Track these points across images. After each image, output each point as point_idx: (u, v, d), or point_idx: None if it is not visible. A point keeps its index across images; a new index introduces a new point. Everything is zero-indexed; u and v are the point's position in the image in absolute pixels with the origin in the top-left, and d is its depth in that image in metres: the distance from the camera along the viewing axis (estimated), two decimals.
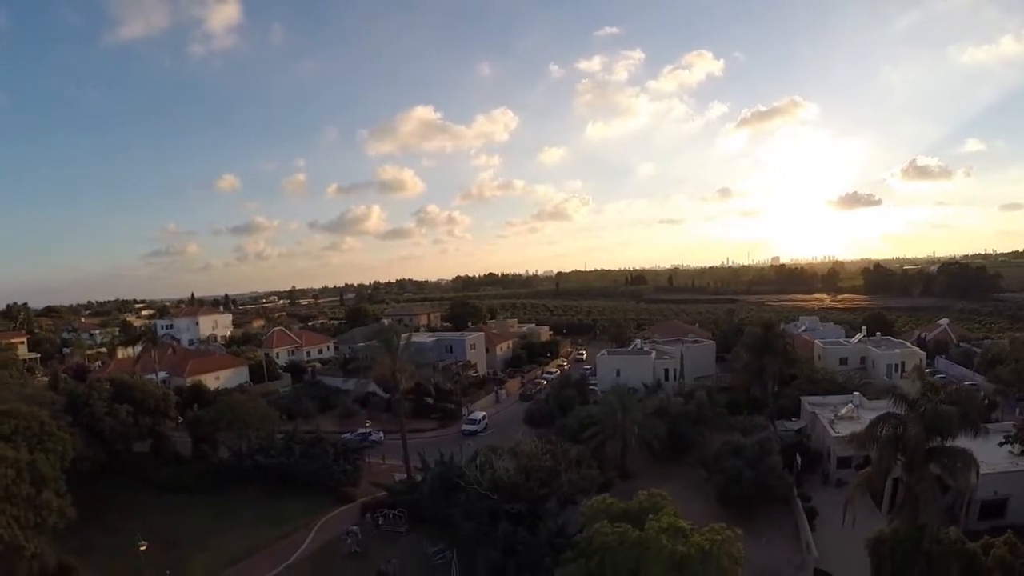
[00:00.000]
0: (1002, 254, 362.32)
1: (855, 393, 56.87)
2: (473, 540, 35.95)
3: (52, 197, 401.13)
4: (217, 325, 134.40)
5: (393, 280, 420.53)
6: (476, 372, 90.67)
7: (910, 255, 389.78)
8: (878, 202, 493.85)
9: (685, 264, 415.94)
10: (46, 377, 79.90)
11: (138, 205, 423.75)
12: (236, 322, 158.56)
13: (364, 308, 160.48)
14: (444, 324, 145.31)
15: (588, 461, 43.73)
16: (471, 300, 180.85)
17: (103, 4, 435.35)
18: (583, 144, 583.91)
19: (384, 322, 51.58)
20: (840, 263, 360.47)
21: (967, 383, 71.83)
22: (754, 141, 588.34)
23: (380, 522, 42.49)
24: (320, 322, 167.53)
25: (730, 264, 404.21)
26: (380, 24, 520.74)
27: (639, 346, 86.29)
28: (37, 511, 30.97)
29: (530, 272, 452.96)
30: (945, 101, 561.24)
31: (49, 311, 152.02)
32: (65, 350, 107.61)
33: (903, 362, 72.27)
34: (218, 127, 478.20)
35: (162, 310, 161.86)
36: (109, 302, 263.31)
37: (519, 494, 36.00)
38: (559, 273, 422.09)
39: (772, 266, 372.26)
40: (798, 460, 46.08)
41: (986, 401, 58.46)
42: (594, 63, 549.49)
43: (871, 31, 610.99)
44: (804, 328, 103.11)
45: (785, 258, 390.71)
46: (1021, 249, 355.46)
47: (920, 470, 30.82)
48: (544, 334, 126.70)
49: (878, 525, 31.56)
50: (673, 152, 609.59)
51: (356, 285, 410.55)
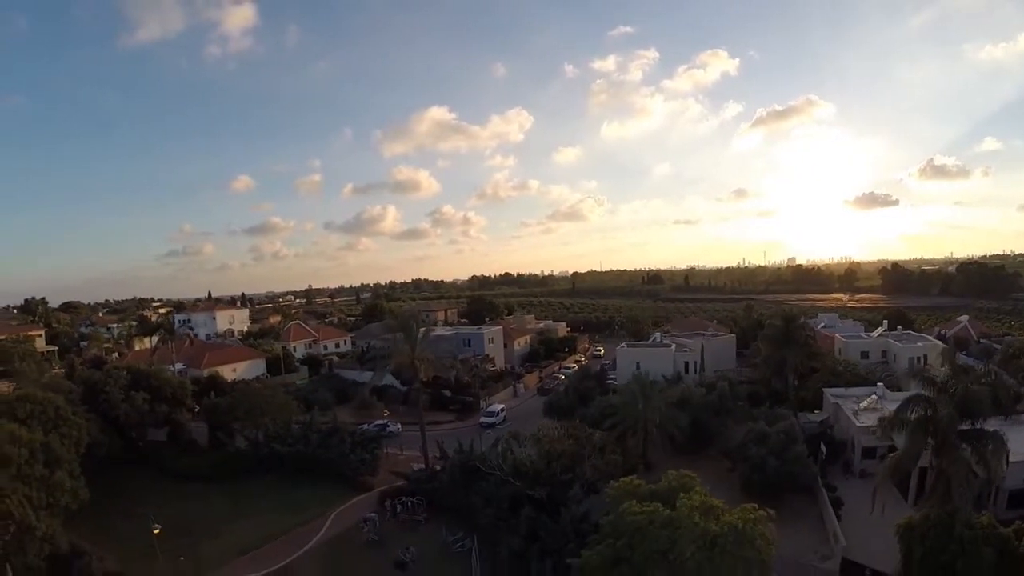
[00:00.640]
0: (1020, 254, 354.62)
1: (879, 384, 56.07)
2: (494, 527, 34.99)
3: (70, 197, 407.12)
4: (234, 320, 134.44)
5: (409, 280, 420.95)
6: (494, 366, 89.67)
7: (928, 256, 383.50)
8: (895, 202, 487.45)
9: (701, 265, 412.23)
10: (63, 369, 79.91)
11: (154, 206, 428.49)
12: (253, 318, 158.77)
13: (381, 305, 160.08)
14: (461, 320, 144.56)
15: (612, 447, 42.55)
16: (488, 297, 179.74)
17: (120, 7, 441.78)
18: (598, 144, 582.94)
19: (403, 305, 50.35)
20: (857, 263, 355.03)
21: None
22: (769, 141, 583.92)
23: (398, 510, 41.62)
24: (336, 318, 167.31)
25: (746, 265, 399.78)
26: (394, 25, 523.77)
27: (658, 339, 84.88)
28: (50, 491, 30.39)
29: (546, 272, 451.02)
30: (962, 99, 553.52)
31: (67, 307, 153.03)
32: (82, 344, 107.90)
33: (925, 355, 70.06)
34: (234, 128, 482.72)
35: (179, 306, 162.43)
36: (126, 300, 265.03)
37: (542, 479, 34.99)
38: (575, 273, 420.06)
39: (789, 266, 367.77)
40: (823, 450, 45.00)
41: (1011, 393, 56.92)
42: (608, 63, 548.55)
43: (887, 29, 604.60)
44: (823, 325, 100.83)
45: (801, 259, 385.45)
46: None
47: (952, 452, 30.30)
48: (561, 330, 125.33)
49: (905, 516, 30.65)
50: (688, 152, 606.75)
51: (372, 285, 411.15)
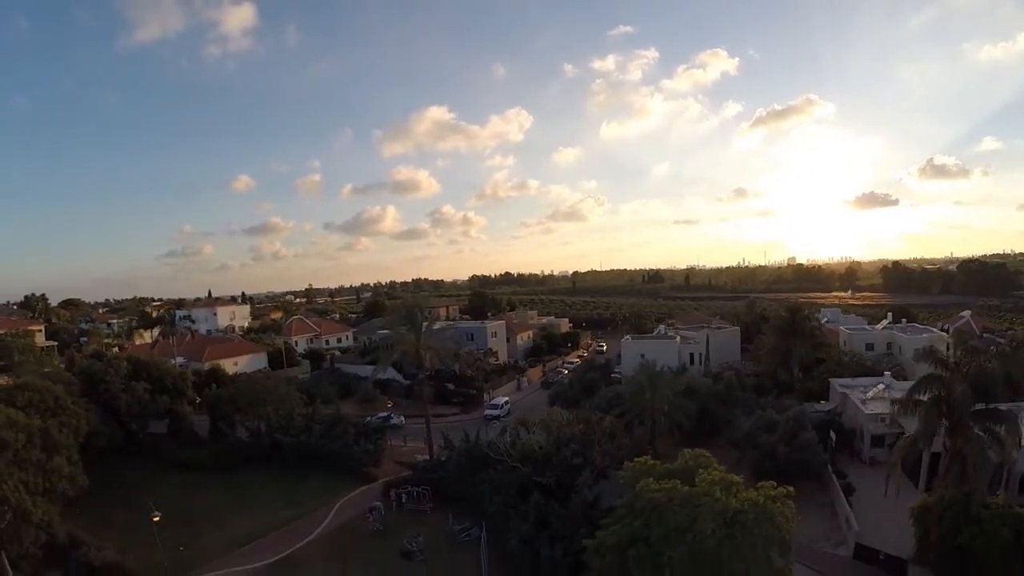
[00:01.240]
0: (1021, 254, 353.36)
1: (886, 373, 55.88)
2: (502, 515, 34.19)
3: (69, 198, 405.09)
4: (235, 316, 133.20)
5: (409, 280, 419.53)
6: (497, 360, 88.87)
7: (928, 256, 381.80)
8: (895, 202, 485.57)
9: (701, 265, 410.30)
10: (63, 364, 79.00)
11: (154, 206, 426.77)
12: (254, 315, 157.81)
13: (382, 302, 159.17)
14: (463, 316, 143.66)
15: (621, 433, 41.77)
16: (490, 294, 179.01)
17: (120, 7, 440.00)
18: (597, 144, 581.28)
19: (409, 296, 49.34)
20: (858, 263, 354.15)
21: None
22: (769, 141, 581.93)
23: (403, 500, 40.81)
24: (338, 315, 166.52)
25: (746, 264, 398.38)
26: (394, 25, 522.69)
27: (663, 332, 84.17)
28: (47, 476, 29.54)
29: (546, 272, 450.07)
30: (962, 99, 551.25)
31: (67, 304, 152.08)
32: (82, 339, 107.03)
33: (931, 347, 69.60)
34: (233, 128, 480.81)
35: (179, 304, 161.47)
36: (126, 300, 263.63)
37: (552, 463, 34.18)
38: (575, 273, 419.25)
39: (790, 266, 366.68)
40: (832, 437, 44.69)
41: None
42: (608, 63, 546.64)
43: (887, 28, 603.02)
44: (826, 320, 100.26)
45: (801, 259, 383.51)
46: None
47: (967, 431, 30.30)
48: (564, 326, 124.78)
49: (917, 501, 30.22)
50: (688, 152, 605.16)
51: (372, 285, 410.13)
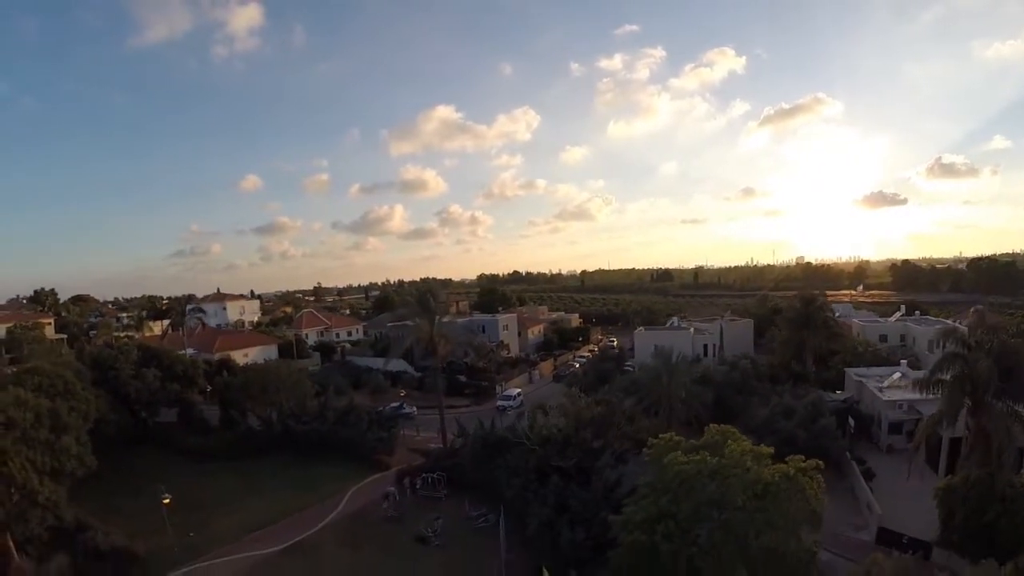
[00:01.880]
0: None
1: (902, 362, 55.57)
2: (520, 500, 33.34)
3: (77, 197, 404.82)
4: (245, 311, 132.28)
5: (417, 279, 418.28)
6: (509, 352, 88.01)
7: (936, 255, 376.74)
8: (903, 201, 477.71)
9: (709, 264, 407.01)
10: (72, 355, 78.69)
11: (162, 205, 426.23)
12: (264, 310, 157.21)
13: (392, 298, 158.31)
14: (472, 312, 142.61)
15: (640, 416, 40.76)
16: (500, 290, 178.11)
17: (127, 8, 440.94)
18: (605, 143, 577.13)
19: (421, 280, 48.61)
20: (866, 262, 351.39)
21: None
22: (777, 139, 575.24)
23: (418, 486, 39.99)
24: (348, 311, 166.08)
25: (754, 264, 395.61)
26: (400, 25, 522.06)
27: (676, 324, 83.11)
28: (55, 456, 28.85)
29: (554, 271, 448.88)
30: (970, 97, 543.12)
31: (77, 300, 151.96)
32: (92, 332, 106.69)
33: (952, 326, 68.76)
34: (241, 128, 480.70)
35: (189, 298, 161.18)
36: (135, 298, 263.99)
37: (572, 444, 33.23)
38: (583, 272, 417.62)
39: (798, 264, 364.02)
40: (851, 423, 44.44)
41: None
42: (615, 61, 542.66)
43: (895, 26, 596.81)
44: (838, 314, 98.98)
45: (809, 258, 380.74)
46: None
47: (991, 408, 29.88)
48: (575, 320, 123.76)
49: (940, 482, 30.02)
50: (695, 151, 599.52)
51: (380, 284, 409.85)
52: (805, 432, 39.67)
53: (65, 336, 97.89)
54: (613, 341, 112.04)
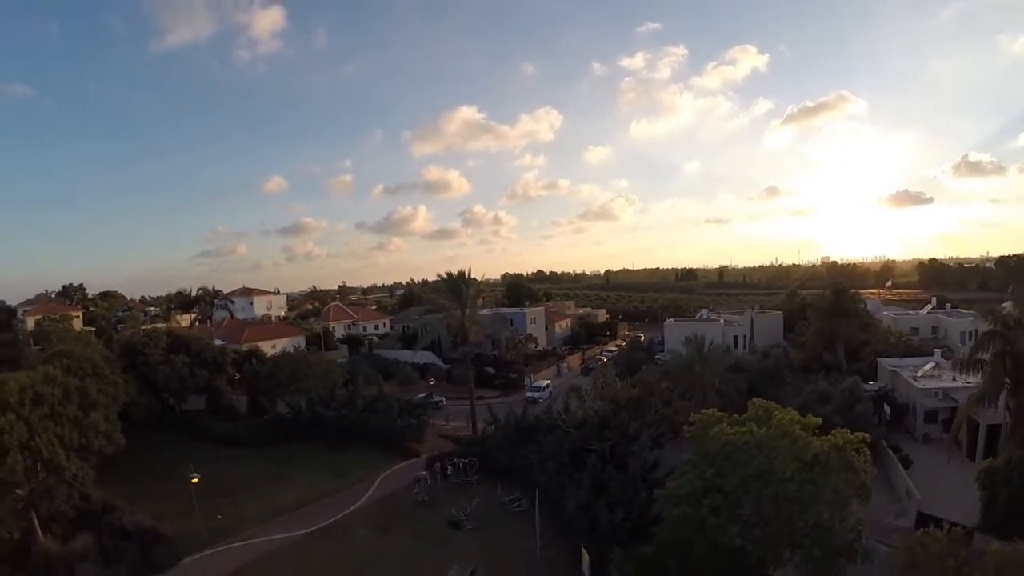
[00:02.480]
0: None
1: (936, 351, 55.61)
2: (555, 484, 32.25)
3: (103, 198, 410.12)
4: (272, 306, 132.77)
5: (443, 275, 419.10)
6: (537, 345, 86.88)
7: (963, 255, 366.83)
8: (929, 200, 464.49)
9: (733, 264, 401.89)
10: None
11: (187, 206, 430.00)
12: (290, 306, 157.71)
13: (417, 295, 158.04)
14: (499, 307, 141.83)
15: (677, 399, 39.34)
16: (527, 286, 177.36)
17: (151, 13, 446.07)
18: (628, 143, 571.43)
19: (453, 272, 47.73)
20: (893, 261, 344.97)
21: None
22: (801, 138, 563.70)
23: (449, 472, 39.02)
24: (374, 306, 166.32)
25: (779, 263, 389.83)
26: (421, 26, 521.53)
27: (705, 316, 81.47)
28: (83, 432, 28.25)
29: (578, 271, 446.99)
30: (997, 93, 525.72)
31: (105, 296, 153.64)
32: (119, 326, 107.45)
33: (976, 329, 66.91)
34: (264, 129, 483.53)
35: (216, 293, 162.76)
36: (161, 296, 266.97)
37: (610, 426, 32.01)
38: (607, 271, 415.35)
39: (824, 264, 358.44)
40: (887, 410, 43.57)
41: None
42: (637, 60, 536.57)
43: (918, 22, 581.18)
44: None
45: (835, 258, 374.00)
46: None
47: None
48: (601, 316, 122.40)
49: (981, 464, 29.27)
50: (718, 150, 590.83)
51: (405, 283, 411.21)
52: (842, 418, 37.99)
53: (93, 329, 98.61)
54: (640, 336, 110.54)
